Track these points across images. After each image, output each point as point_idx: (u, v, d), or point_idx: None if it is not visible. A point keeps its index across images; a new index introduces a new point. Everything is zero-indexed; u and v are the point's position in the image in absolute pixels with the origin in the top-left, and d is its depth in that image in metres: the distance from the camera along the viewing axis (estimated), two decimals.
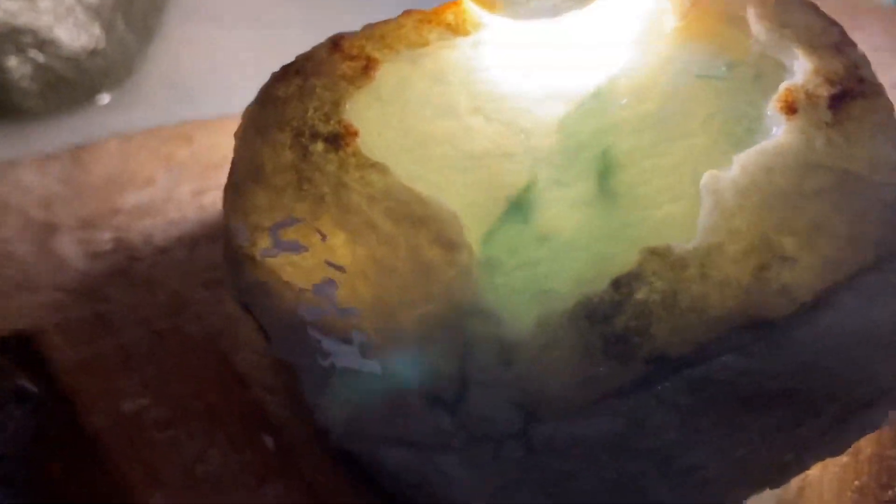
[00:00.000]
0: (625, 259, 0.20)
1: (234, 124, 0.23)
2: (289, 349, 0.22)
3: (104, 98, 0.38)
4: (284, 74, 0.20)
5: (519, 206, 0.20)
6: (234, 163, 0.20)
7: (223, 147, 0.23)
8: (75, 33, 0.37)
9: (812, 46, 0.21)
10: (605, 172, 0.20)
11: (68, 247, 0.30)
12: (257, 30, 0.43)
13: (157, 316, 0.28)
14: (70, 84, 0.38)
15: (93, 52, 0.37)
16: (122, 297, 0.28)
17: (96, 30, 0.37)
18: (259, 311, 0.22)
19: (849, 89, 0.20)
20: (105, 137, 0.35)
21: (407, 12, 0.22)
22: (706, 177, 0.19)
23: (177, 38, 0.43)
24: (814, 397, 0.20)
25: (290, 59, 0.26)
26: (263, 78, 0.23)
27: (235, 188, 0.20)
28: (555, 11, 0.21)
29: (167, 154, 0.33)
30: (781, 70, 0.21)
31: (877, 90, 0.20)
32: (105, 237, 0.30)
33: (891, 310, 0.20)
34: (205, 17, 0.44)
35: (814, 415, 0.20)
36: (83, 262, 0.29)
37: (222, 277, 0.24)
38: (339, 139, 0.19)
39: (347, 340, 0.21)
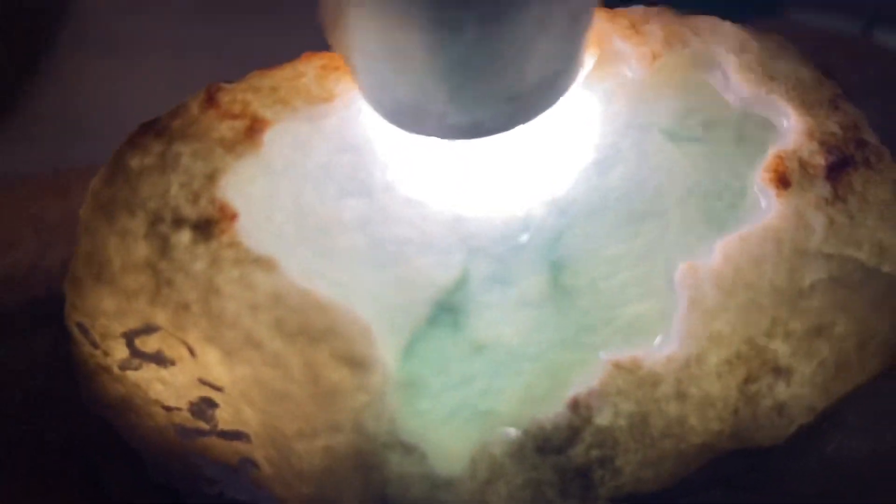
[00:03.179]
0: (584, 372, 0.16)
1: None
2: (168, 473, 0.18)
3: None
4: (142, 137, 0.16)
5: (448, 310, 0.16)
6: (76, 253, 0.16)
7: None
8: None
9: (804, 103, 0.18)
10: (559, 264, 0.16)
11: None
12: (160, 58, 0.38)
13: (10, 419, 0.24)
14: None
15: None
16: None
17: None
18: (125, 430, 0.18)
19: (849, 156, 0.17)
20: None
21: (307, 55, 0.17)
22: (681, 269, 0.16)
23: (69, 69, 0.38)
24: None
25: (198, 88, 0.21)
26: (164, 111, 0.18)
27: (77, 287, 0.16)
28: (475, 132, 0.16)
29: (37, 212, 0.28)
30: (769, 131, 0.18)
31: (881, 155, 0.17)
32: None
33: None
34: (102, 44, 0.40)
35: None
36: None
37: None
38: (212, 225, 0.16)
39: (236, 468, 0.17)
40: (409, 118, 0.16)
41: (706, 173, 0.18)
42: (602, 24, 0.19)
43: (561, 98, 0.16)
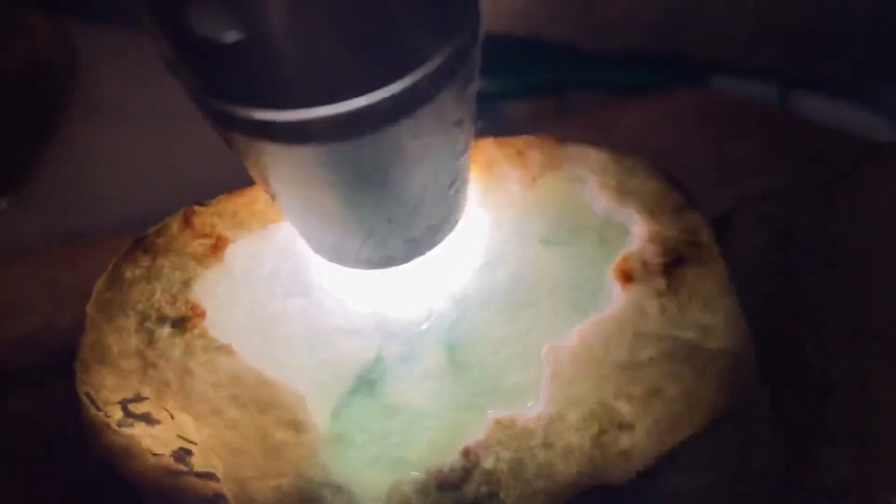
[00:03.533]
0: (476, 426, 0.21)
1: (122, 243, 0.22)
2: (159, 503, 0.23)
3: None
4: (133, 253, 0.21)
5: (368, 382, 0.21)
6: (83, 342, 0.20)
7: None
8: None
9: (651, 212, 0.22)
10: (454, 344, 0.21)
11: None
12: (163, 128, 0.42)
13: (27, 460, 0.27)
14: None
15: None
16: None
17: None
18: (123, 470, 0.22)
19: (683, 256, 0.22)
20: None
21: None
22: (545, 349, 0.21)
23: (77, 138, 0.41)
24: None
25: (203, 156, 0.24)
26: (170, 178, 0.22)
27: (85, 366, 0.21)
28: (384, 264, 0.21)
29: (51, 278, 0.33)
30: (623, 235, 0.22)
31: (712, 254, 0.22)
32: None
33: (727, 471, 0.21)
34: (109, 112, 0.43)
35: None
36: None
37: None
38: (186, 321, 0.20)
39: (211, 500, 0.21)
40: (331, 254, 0.20)
41: (572, 270, 0.23)
42: (493, 152, 0.24)
43: (448, 235, 0.21)
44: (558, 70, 0.47)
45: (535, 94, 0.47)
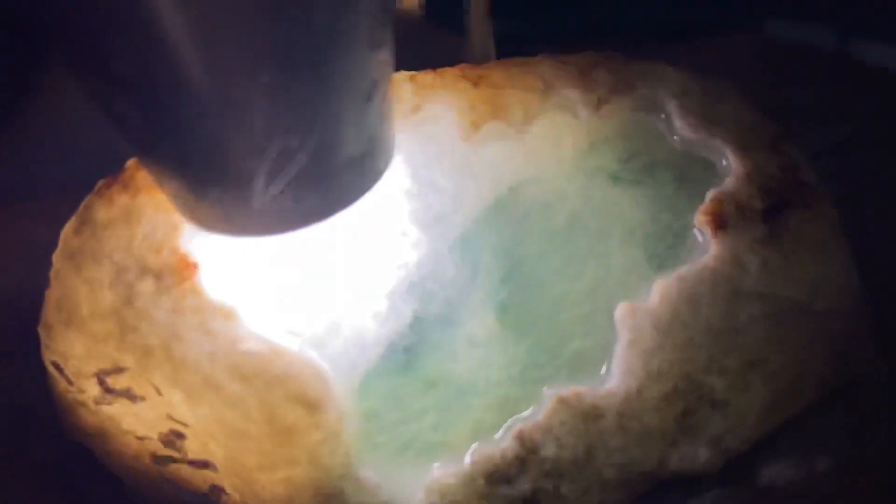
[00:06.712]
0: (533, 405, 0.17)
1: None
2: (147, 496, 0.19)
3: None
4: (108, 189, 0.17)
5: (401, 350, 0.17)
6: (47, 298, 0.16)
7: None
8: None
9: (744, 145, 0.18)
10: (505, 304, 0.17)
11: None
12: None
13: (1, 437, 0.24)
14: None
15: None
16: None
17: None
18: (103, 455, 0.18)
19: (787, 198, 0.18)
20: None
21: None
22: (620, 309, 0.17)
23: (55, 99, 0.38)
24: None
25: None
26: None
27: (49, 330, 0.16)
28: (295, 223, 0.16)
29: (24, 233, 0.29)
30: (710, 173, 0.18)
31: (819, 196, 0.18)
32: None
33: (837, 459, 0.17)
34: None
35: None
36: None
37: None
38: (174, 274, 0.16)
39: (208, 493, 0.18)
40: (218, 211, 0.15)
41: (648, 215, 0.19)
42: (549, 71, 0.20)
43: (368, 184, 0.16)
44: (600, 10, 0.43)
45: (572, 39, 0.43)
